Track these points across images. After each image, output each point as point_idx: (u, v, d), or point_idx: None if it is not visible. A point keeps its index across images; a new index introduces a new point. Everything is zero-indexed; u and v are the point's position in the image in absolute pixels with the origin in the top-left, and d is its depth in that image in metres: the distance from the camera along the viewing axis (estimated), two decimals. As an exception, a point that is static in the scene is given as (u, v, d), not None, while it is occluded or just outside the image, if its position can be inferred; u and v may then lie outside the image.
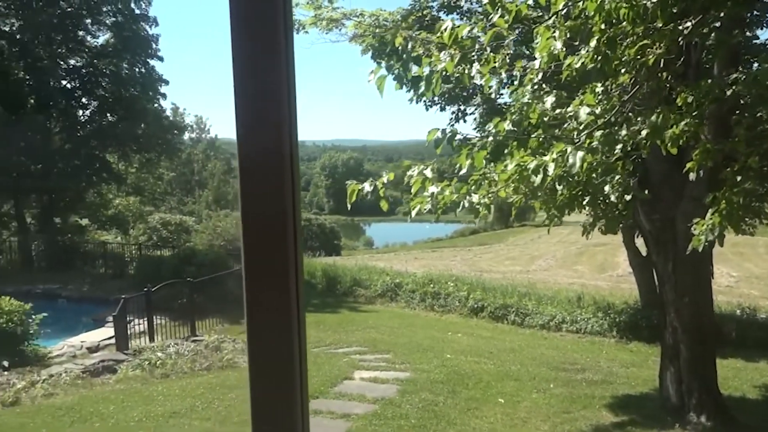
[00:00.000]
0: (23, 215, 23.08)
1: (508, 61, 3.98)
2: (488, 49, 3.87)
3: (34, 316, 11.79)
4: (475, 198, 3.98)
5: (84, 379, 9.97)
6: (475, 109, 11.18)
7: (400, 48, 3.90)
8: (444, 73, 3.89)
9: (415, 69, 3.90)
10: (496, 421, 7.78)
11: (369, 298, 17.42)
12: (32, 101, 21.46)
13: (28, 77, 21.37)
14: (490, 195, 4.07)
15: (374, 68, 3.78)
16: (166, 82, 22.90)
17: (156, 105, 23.23)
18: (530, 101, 4.16)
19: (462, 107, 11.51)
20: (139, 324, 13.10)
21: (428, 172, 3.84)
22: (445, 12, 10.76)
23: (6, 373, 10.05)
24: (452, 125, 12.13)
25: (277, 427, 1.21)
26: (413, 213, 3.98)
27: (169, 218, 25.18)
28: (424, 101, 10.83)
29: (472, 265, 24.93)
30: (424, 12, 10.42)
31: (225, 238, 21.35)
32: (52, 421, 7.82)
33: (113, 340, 12.78)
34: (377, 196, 4.06)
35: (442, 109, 11.72)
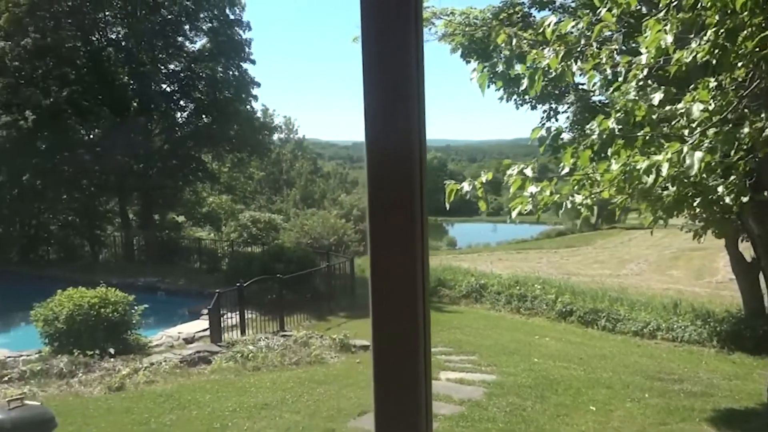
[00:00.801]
0: (126, 212, 24.52)
1: (614, 56, 3.83)
2: (594, 44, 3.74)
3: (136, 307, 12.47)
4: (578, 198, 3.85)
5: (181, 368, 10.46)
6: (568, 108, 10.86)
7: (503, 45, 3.83)
8: (547, 69, 3.79)
9: (518, 66, 3.82)
10: (587, 430, 7.54)
11: (453, 298, 17.31)
12: (135, 104, 22.77)
13: (131, 82, 22.71)
14: (592, 196, 3.93)
15: (476, 66, 3.73)
16: (258, 85, 23.72)
17: (248, 107, 24.08)
18: (636, 98, 3.98)
19: (554, 105, 11.22)
20: (231, 317, 13.60)
21: (528, 171, 3.74)
22: (536, 8, 10.52)
23: (112, 359, 10.69)
24: (543, 124, 11.86)
25: (401, 426, 1.21)
26: (513, 214, 3.89)
27: (259, 216, 26.05)
28: (515, 100, 10.63)
29: (559, 268, 24.26)
30: (516, 9, 10.23)
31: (311, 236, 21.83)
32: (154, 407, 8.25)
33: (207, 332, 13.33)
34: (476, 195, 4.00)
35: (533, 107, 11.47)
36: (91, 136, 22.59)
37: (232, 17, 23.15)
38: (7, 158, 20.46)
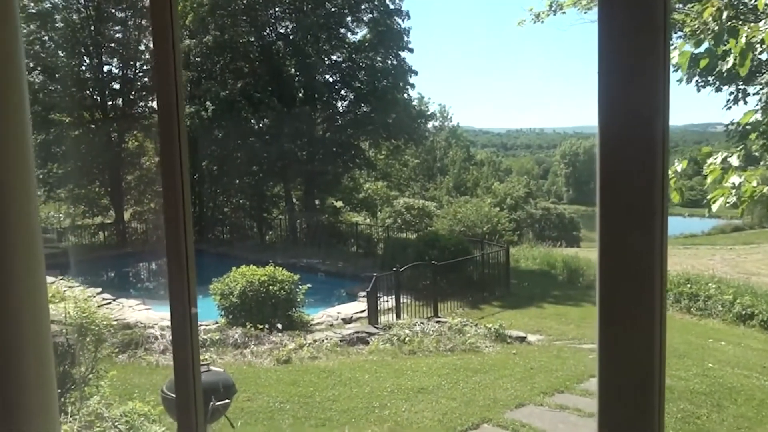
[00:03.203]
0: (290, 196, 26.04)
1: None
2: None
3: (300, 287, 13.23)
4: (792, 191, 3.41)
5: (341, 347, 10.95)
6: (761, 89, 9.72)
7: (711, 19, 3.47)
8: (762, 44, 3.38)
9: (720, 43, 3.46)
10: (774, 447, 6.81)
11: (614, 294, 16.42)
12: (300, 95, 24.03)
13: (297, 73, 23.97)
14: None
15: (677, 44, 3.44)
16: (415, 73, 23.99)
17: (405, 95, 24.46)
18: None
19: (742, 87, 10.13)
20: (386, 301, 13.97)
21: (734, 160, 3.38)
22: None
23: (279, 334, 11.45)
24: (729, 107, 10.77)
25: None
26: (714, 207, 3.55)
27: (413, 203, 26.45)
28: (696, 81, 9.74)
29: (736, 267, 22.07)
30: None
31: (465, 224, 21.77)
32: (318, 381, 8.71)
33: (364, 314, 13.82)
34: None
35: (718, 89, 10.45)
36: (261, 126, 24.22)
37: (392, 7, 23.60)
38: (189, 146, 22.59)
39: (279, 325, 11.88)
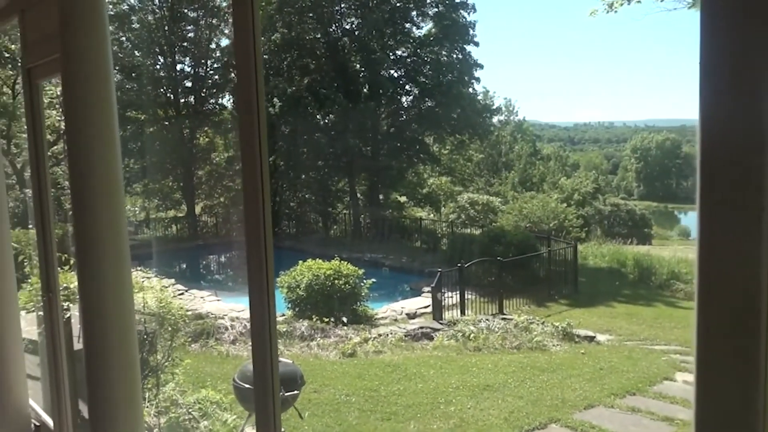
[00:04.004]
0: (355, 191, 26.27)
1: None
2: None
3: (365, 281, 13.34)
4: None
5: (406, 342, 10.98)
6: None
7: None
8: None
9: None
10: None
11: (689, 294, 15.75)
12: (365, 90, 24.19)
13: (363, 69, 24.14)
14: None
15: None
16: (481, 67, 23.72)
17: (470, 89, 24.23)
18: None
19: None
20: (451, 296, 13.90)
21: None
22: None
23: (345, 327, 11.58)
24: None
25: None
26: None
27: (477, 198, 26.19)
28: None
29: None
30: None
31: (531, 220, 21.38)
32: (383, 375, 8.77)
33: (428, 309, 13.81)
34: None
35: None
36: (327, 121, 24.54)
37: (457, 0, 23.38)
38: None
39: (344, 319, 12.02)
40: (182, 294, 14.03)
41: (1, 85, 15.97)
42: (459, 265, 14.21)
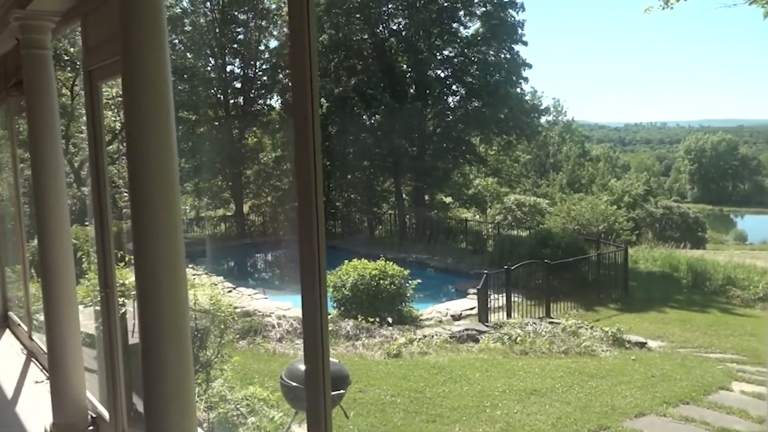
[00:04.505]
0: (400, 191, 26.28)
1: None
2: None
3: (410, 282, 13.31)
4: None
5: (451, 343, 10.91)
6: None
7: None
8: None
9: None
10: None
11: (746, 300, 15.22)
12: (412, 91, 24.17)
13: (409, 69, 24.13)
14: None
15: None
16: (529, 66, 23.43)
17: (518, 89, 23.96)
18: None
19: None
20: (497, 299, 13.75)
21: None
22: None
23: (390, 328, 11.59)
24: None
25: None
26: None
27: (524, 199, 25.88)
28: None
29: None
30: None
31: (579, 222, 21.00)
32: (428, 377, 8.73)
33: (473, 311, 13.70)
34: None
35: None
36: (373, 121, 24.62)
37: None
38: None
39: (389, 319, 12.03)
40: (230, 291, 14.29)
41: (61, 86, 16.55)
42: (505, 267, 14.06)
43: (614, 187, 32.48)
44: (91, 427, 4.21)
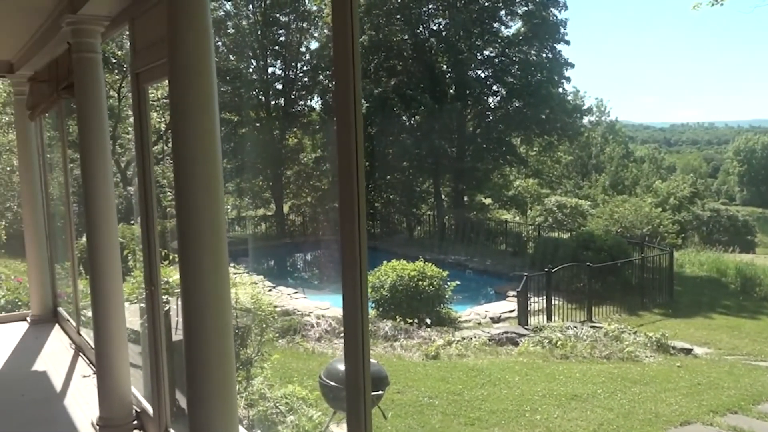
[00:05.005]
0: (440, 192, 26.19)
1: None
2: None
3: (449, 283, 13.24)
4: None
5: (490, 346, 10.82)
6: None
7: None
8: None
9: None
10: None
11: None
12: (452, 91, 24.05)
13: (449, 69, 24.02)
14: None
15: None
16: (572, 66, 23.06)
17: (560, 89, 23.61)
18: None
19: None
20: (537, 302, 13.57)
21: None
22: None
23: (428, 329, 11.55)
24: None
25: None
26: None
27: (565, 201, 25.46)
28: None
29: None
30: None
31: (622, 225, 20.56)
32: (467, 379, 8.66)
33: (513, 314, 13.56)
34: None
35: None
36: (412, 122, 24.58)
37: (548, -2, 22.88)
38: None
39: (428, 320, 12.00)
40: (270, 290, 14.45)
41: (109, 89, 17.03)
42: (546, 269, 13.87)
43: (659, 189, 31.72)
44: (135, 422, 4.31)
